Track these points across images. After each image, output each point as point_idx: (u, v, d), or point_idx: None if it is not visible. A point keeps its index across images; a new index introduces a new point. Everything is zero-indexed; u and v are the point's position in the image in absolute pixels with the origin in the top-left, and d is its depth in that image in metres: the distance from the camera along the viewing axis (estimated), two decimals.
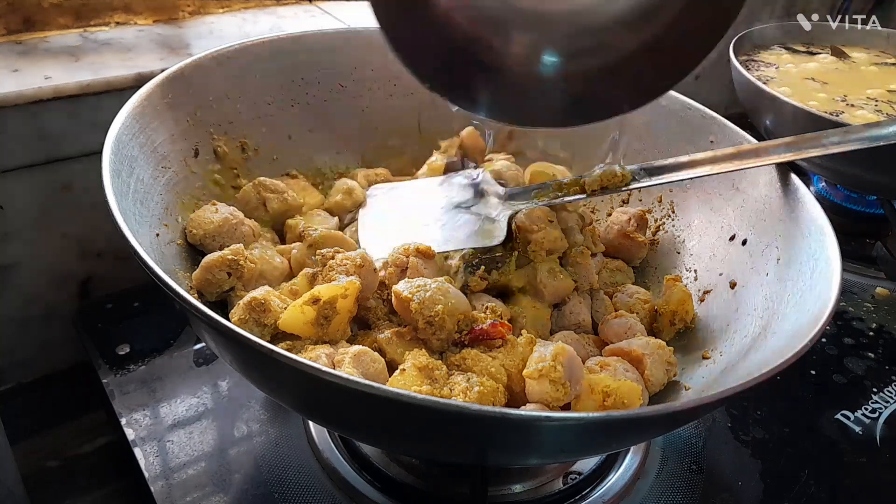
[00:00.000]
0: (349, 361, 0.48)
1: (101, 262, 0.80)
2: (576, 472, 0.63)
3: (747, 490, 0.64)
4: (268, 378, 0.47)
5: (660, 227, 0.73)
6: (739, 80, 0.98)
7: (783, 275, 0.58)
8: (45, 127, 0.71)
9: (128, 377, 0.69)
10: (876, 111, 0.96)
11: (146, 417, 0.65)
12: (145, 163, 0.57)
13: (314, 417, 0.58)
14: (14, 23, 0.79)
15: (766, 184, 0.64)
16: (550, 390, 0.49)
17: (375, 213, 0.69)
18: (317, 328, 0.52)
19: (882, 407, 0.73)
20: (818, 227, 0.57)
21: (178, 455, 0.62)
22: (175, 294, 0.41)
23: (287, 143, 0.74)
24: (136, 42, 0.82)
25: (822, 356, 0.79)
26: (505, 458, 0.50)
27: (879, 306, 0.88)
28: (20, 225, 0.73)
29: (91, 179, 0.68)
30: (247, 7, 0.96)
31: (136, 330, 0.74)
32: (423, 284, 0.53)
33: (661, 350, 0.57)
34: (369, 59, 0.78)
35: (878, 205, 1.01)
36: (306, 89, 0.75)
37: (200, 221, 0.60)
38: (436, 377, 0.50)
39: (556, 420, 0.39)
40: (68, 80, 0.71)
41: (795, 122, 0.88)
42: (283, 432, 0.65)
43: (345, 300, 0.52)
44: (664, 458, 0.65)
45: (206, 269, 0.56)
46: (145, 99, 0.59)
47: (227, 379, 0.70)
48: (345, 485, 0.60)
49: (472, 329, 0.54)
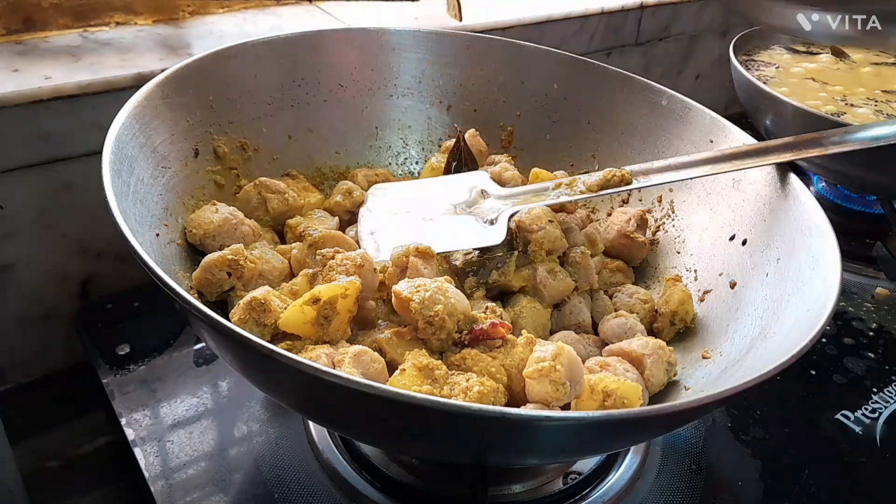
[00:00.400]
0: (349, 361, 0.48)
1: (101, 262, 0.80)
2: (576, 473, 0.63)
3: (747, 490, 0.64)
4: (268, 378, 0.47)
5: (660, 227, 0.73)
6: (739, 79, 0.98)
7: (783, 275, 0.58)
8: (44, 127, 0.71)
9: (128, 377, 0.69)
10: (876, 111, 0.96)
11: (146, 417, 0.65)
12: (145, 163, 0.57)
13: (314, 417, 0.58)
14: (14, 23, 0.79)
15: (766, 184, 0.64)
16: (551, 390, 0.49)
17: (375, 214, 0.69)
18: (317, 328, 0.52)
19: (882, 407, 0.73)
20: (818, 227, 0.57)
21: (179, 455, 0.62)
22: (175, 294, 0.41)
23: (287, 143, 0.74)
24: (136, 42, 0.82)
25: (822, 356, 0.79)
26: (505, 458, 0.50)
27: (879, 306, 0.88)
28: (20, 225, 0.73)
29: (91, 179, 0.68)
30: (247, 7, 0.96)
31: (136, 330, 0.75)
32: (422, 284, 0.53)
33: (661, 350, 0.57)
34: (369, 59, 0.78)
35: (877, 205, 1.01)
36: (306, 89, 0.75)
37: (200, 221, 0.60)
38: (436, 377, 0.50)
39: (556, 420, 0.39)
40: (68, 80, 0.71)
41: (795, 122, 0.88)
42: (283, 432, 0.65)
43: (345, 300, 0.52)
44: (664, 458, 0.65)
45: (206, 269, 0.56)
46: (145, 99, 0.59)
47: (227, 379, 0.70)
48: (345, 485, 0.60)
49: (472, 329, 0.54)
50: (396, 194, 0.71)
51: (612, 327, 0.62)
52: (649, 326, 0.64)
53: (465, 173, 0.73)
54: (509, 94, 0.81)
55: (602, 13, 1.11)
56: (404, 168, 0.82)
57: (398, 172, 0.81)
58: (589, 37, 1.12)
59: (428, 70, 0.80)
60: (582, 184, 0.65)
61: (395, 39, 0.79)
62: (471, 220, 0.66)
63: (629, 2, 1.15)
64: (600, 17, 1.12)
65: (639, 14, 1.18)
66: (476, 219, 0.66)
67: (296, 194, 0.69)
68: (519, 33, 1.00)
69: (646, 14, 1.19)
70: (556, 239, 0.64)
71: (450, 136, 0.80)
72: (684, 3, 1.24)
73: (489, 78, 0.81)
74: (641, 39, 1.22)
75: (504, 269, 0.62)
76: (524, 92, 0.81)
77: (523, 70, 0.81)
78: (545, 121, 0.81)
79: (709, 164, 0.63)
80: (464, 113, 0.82)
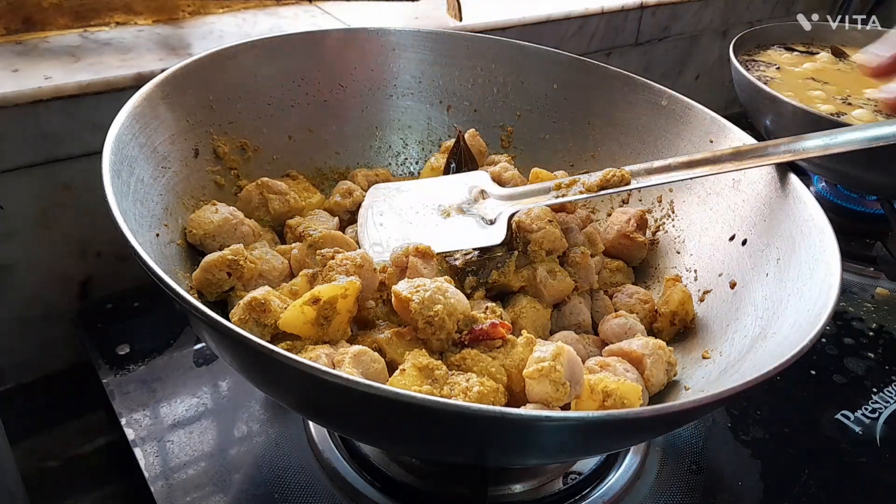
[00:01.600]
0: (349, 361, 0.48)
1: (101, 263, 0.80)
2: (576, 473, 0.63)
3: (747, 490, 0.64)
4: (268, 378, 0.47)
5: (660, 227, 0.73)
6: (739, 80, 0.98)
7: (783, 275, 0.58)
8: (44, 127, 0.71)
9: (128, 377, 0.69)
10: (875, 111, 0.96)
11: (146, 417, 0.65)
12: (145, 163, 0.57)
13: (314, 417, 0.58)
14: (14, 23, 0.79)
15: (766, 184, 0.64)
16: (550, 390, 0.49)
17: (376, 213, 0.69)
18: (317, 328, 0.52)
19: (882, 407, 0.73)
20: (818, 227, 0.57)
21: (178, 455, 0.62)
22: (176, 295, 0.41)
23: (287, 143, 0.74)
24: (136, 42, 0.82)
25: (822, 356, 0.79)
26: (505, 458, 0.50)
27: (879, 306, 0.88)
28: (20, 225, 0.73)
29: (91, 179, 0.68)
30: (247, 7, 0.96)
31: (136, 330, 0.75)
32: (422, 284, 0.53)
33: (661, 350, 0.57)
34: (369, 59, 0.78)
35: (877, 205, 1.01)
36: (306, 89, 0.75)
37: (200, 221, 0.60)
38: (436, 377, 0.50)
39: (557, 420, 0.39)
40: (68, 80, 0.71)
41: (795, 122, 0.88)
42: (283, 432, 0.65)
43: (345, 300, 0.52)
44: (664, 458, 0.65)
45: (206, 270, 0.56)
46: (145, 99, 0.59)
47: (226, 379, 0.70)
48: (345, 485, 0.60)
49: (472, 329, 0.54)
50: (397, 194, 0.71)
51: (612, 327, 0.62)
52: (649, 327, 0.64)
53: (465, 173, 0.73)
54: (509, 94, 0.81)
55: (602, 13, 1.11)
56: (404, 168, 0.82)
57: (398, 172, 0.81)
58: (589, 37, 1.12)
59: (428, 70, 0.80)
60: (582, 184, 0.65)
61: (395, 39, 0.79)
62: (471, 220, 0.66)
63: (629, 2, 1.15)
64: (600, 18, 1.12)
65: (639, 14, 1.18)
66: (476, 219, 0.66)
67: (297, 195, 0.69)
68: (519, 33, 1.00)
69: (646, 14, 1.19)
70: (556, 239, 0.64)
71: (450, 136, 0.80)
72: (684, 3, 1.24)
73: (489, 78, 0.81)
74: (641, 39, 1.22)
75: (504, 269, 0.62)
76: (524, 92, 0.81)
77: (523, 70, 0.81)
78: (545, 121, 0.81)
79: (708, 164, 0.63)
80: (464, 113, 0.82)
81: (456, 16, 0.97)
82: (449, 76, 0.81)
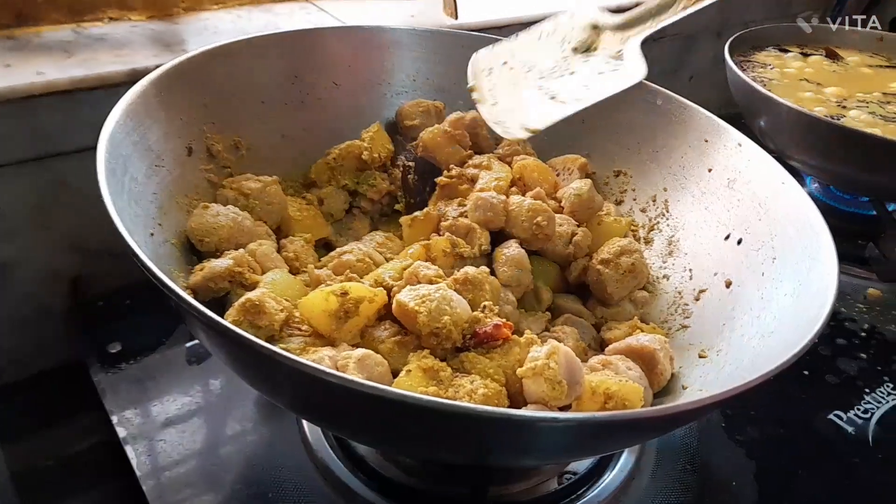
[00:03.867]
0: (354, 365, 0.47)
1: (93, 260, 0.79)
2: (571, 473, 0.63)
3: (742, 490, 0.64)
4: (268, 379, 0.46)
5: (654, 227, 0.73)
6: (734, 80, 0.98)
7: (779, 274, 0.58)
8: (37, 123, 0.70)
9: (119, 375, 0.69)
10: (869, 113, 0.96)
11: (137, 416, 0.65)
12: (139, 161, 0.56)
13: (314, 418, 0.57)
14: (6, 18, 0.78)
15: (761, 183, 0.64)
16: (546, 389, 0.49)
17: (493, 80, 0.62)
18: (333, 321, 0.51)
19: (874, 407, 0.73)
20: (813, 226, 0.57)
21: (170, 454, 0.62)
22: (176, 295, 0.41)
23: (281, 141, 0.74)
24: (130, 38, 0.81)
25: (816, 357, 0.79)
26: (506, 458, 0.50)
27: (871, 307, 0.89)
28: (12, 222, 0.73)
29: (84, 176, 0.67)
30: (242, 4, 0.95)
31: (127, 328, 0.74)
32: (427, 294, 0.52)
33: (666, 344, 0.58)
34: (365, 57, 0.78)
35: (870, 206, 1.01)
36: (301, 87, 0.75)
37: (208, 228, 0.58)
38: (441, 378, 0.49)
39: (561, 421, 0.39)
40: (61, 75, 0.70)
41: (790, 122, 0.89)
42: (277, 431, 0.64)
43: (370, 304, 0.52)
44: (659, 458, 0.65)
45: (210, 279, 0.54)
46: (139, 96, 0.59)
47: (219, 377, 0.69)
48: (339, 485, 0.59)
49: (476, 332, 0.53)
50: (505, 55, 0.64)
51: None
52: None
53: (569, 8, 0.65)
54: None
55: None
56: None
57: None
58: None
59: (423, 68, 0.80)
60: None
61: (390, 37, 0.79)
62: (598, 62, 0.59)
63: (625, 2, 1.15)
64: None
65: None
66: (603, 59, 0.59)
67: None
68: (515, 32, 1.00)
69: None
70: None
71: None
72: None
73: None
74: None
75: None
76: None
77: None
78: None
79: None
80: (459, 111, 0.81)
81: (452, 14, 0.97)
82: (444, 74, 0.81)
